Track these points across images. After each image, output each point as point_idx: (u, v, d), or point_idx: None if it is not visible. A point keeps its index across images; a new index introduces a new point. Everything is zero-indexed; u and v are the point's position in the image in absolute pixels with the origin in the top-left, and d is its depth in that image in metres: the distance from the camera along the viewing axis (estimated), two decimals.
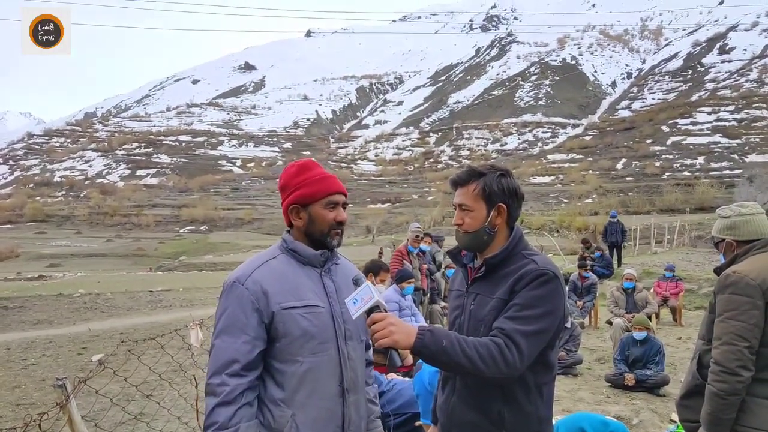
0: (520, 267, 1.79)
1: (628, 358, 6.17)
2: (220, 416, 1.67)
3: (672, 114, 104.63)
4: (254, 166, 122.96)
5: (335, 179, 1.93)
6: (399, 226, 57.04)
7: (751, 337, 2.16)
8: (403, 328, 1.63)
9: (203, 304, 13.49)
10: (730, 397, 2.16)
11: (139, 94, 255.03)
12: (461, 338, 1.66)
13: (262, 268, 1.81)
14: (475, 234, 1.88)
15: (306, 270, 1.87)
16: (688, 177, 73.12)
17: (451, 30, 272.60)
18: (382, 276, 5.61)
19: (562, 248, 26.32)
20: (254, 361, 1.74)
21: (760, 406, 2.15)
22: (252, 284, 1.76)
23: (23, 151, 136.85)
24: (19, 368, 7.49)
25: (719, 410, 2.18)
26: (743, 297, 2.20)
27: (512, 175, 1.92)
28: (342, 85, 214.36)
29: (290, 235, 1.93)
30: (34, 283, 23.62)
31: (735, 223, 2.45)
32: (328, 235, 1.88)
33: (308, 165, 1.94)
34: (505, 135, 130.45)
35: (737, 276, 2.24)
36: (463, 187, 1.90)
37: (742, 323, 2.17)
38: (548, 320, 1.72)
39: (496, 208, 1.85)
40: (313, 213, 1.87)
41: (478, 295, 1.86)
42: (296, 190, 1.89)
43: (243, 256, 37.12)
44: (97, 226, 79.44)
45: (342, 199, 1.91)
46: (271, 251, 1.91)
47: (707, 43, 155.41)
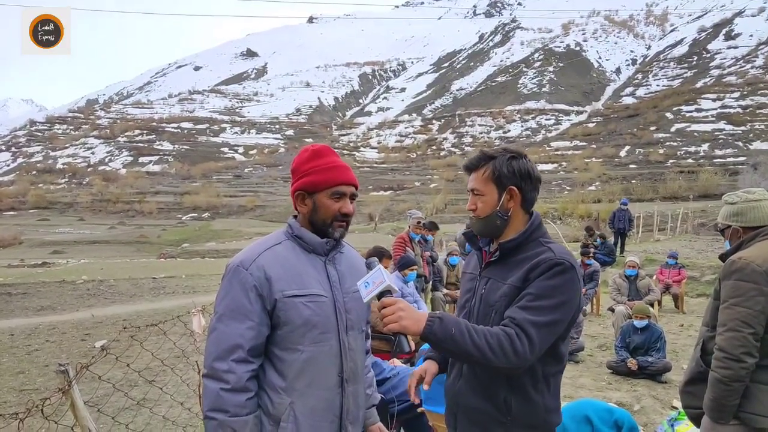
0: (535, 254, 1.76)
1: (629, 345, 6.18)
2: (228, 404, 1.66)
3: (677, 101, 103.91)
4: (256, 153, 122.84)
5: (346, 169, 1.88)
6: (401, 213, 56.94)
7: (756, 324, 2.14)
8: (412, 314, 1.62)
9: (206, 291, 13.54)
10: (734, 383, 2.15)
11: (141, 81, 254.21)
12: (471, 326, 1.65)
13: (267, 253, 1.79)
14: (488, 218, 1.85)
15: (310, 258, 1.84)
16: (692, 164, 72.70)
17: (455, 16, 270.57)
18: (384, 262, 5.60)
19: (564, 236, 26.27)
20: (258, 347, 1.74)
21: (764, 392, 2.15)
22: (256, 269, 1.73)
23: (26, 138, 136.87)
24: (22, 354, 7.53)
25: (723, 396, 2.17)
26: (749, 283, 2.18)
27: (525, 157, 1.87)
28: (344, 72, 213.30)
29: (296, 221, 1.90)
30: (38, 269, 23.71)
31: (741, 209, 2.42)
32: (330, 225, 1.85)
33: (322, 151, 1.89)
34: (508, 122, 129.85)
35: (743, 262, 2.22)
36: (475, 172, 1.88)
37: (747, 309, 2.16)
38: (562, 311, 1.69)
39: (508, 191, 1.82)
40: (318, 201, 1.84)
41: (490, 280, 1.84)
42: (304, 176, 1.86)
43: (245, 243, 37.18)
44: (100, 213, 79.58)
45: (350, 191, 1.87)
46: (276, 236, 1.89)
47: (713, 29, 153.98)
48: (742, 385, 2.15)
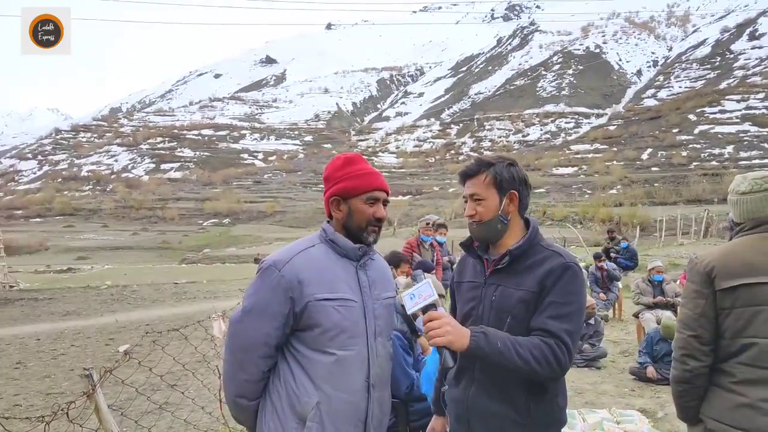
0: (544, 259, 1.82)
1: (657, 352, 6.04)
2: (250, 391, 1.83)
3: (700, 102, 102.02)
4: (276, 159, 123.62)
5: (379, 176, 1.95)
6: (420, 218, 56.79)
7: (696, 327, 2.02)
8: (458, 329, 1.69)
9: (226, 296, 13.67)
10: (682, 384, 2.08)
11: (162, 89, 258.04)
12: (514, 339, 1.70)
13: (301, 255, 1.84)
14: (489, 223, 1.89)
15: (342, 262, 1.89)
16: (716, 167, 71.34)
17: (473, 20, 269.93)
18: (402, 268, 5.57)
19: (585, 240, 25.97)
20: (279, 344, 1.83)
21: (717, 395, 2.03)
22: (289, 271, 1.79)
23: (51, 146, 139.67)
24: (48, 358, 7.68)
25: (676, 396, 2.14)
26: (692, 284, 2.08)
27: (519, 165, 1.97)
28: (363, 78, 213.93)
29: (330, 226, 1.95)
30: (63, 275, 24.17)
31: (731, 201, 2.23)
32: (365, 230, 1.90)
33: (354, 159, 1.96)
34: (527, 126, 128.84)
35: (693, 262, 2.13)
36: (473, 178, 1.93)
37: (688, 312, 2.07)
38: (581, 314, 1.82)
39: (508, 195, 1.89)
40: (352, 207, 1.90)
41: (500, 286, 1.87)
42: (339, 182, 1.91)
43: (265, 248, 37.46)
44: (123, 219, 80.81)
45: (383, 196, 1.93)
46: (310, 239, 1.94)
47: (736, 29, 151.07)
48: (692, 386, 2.06)
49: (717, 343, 2.02)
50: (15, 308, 13.08)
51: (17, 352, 8.13)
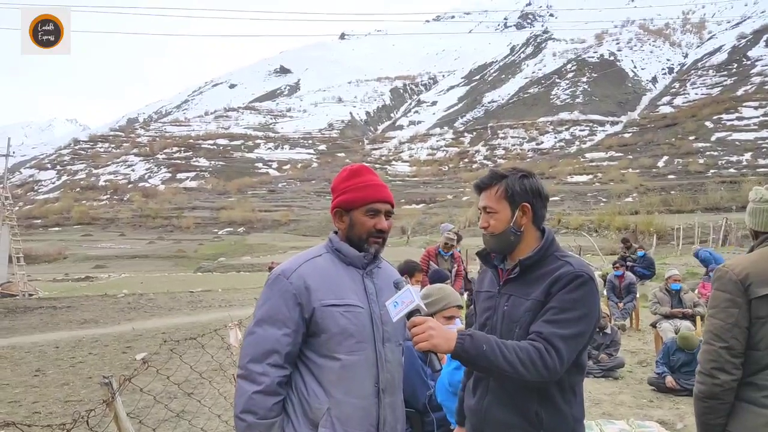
0: (555, 269, 1.81)
1: (675, 362, 5.97)
2: (258, 407, 1.75)
3: (716, 109, 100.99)
4: (290, 169, 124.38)
5: (382, 188, 1.96)
6: (434, 226, 56.70)
7: (729, 338, 1.93)
8: (442, 333, 1.66)
9: (241, 305, 13.74)
10: (709, 400, 1.96)
11: (178, 100, 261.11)
12: (501, 342, 1.68)
13: (307, 264, 1.88)
14: (502, 235, 1.90)
15: (349, 270, 1.92)
16: (734, 174, 70.50)
17: (486, 29, 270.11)
18: (417, 277, 5.58)
19: (600, 248, 25.73)
20: (292, 354, 1.82)
21: (746, 410, 1.93)
22: (296, 279, 1.82)
23: (70, 156, 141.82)
24: (67, 366, 7.77)
25: (701, 413, 2.01)
26: (724, 293, 1.99)
27: (535, 176, 1.95)
28: (376, 87, 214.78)
29: (336, 236, 1.98)
30: (81, 283, 24.46)
31: (752, 210, 2.19)
32: (366, 241, 1.92)
33: (359, 171, 1.98)
34: (542, 134, 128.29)
35: (723, 270, 2.04)
36: (486, 191, 1.94)
37: (720, 322, 1.97)
38: (585, 323, 1.75)
39: (520, 208, 1.88)
40: (354, 218, 1.92)
41: (511, 296, 1.88)
42: (342, 194, 1.95)
43: (280, 257, 37.57)
44: (140, 228, 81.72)
45: (385, 208, 1.95)
46: (317, 249, 1.98)
47: (753, 35, 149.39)
48: (719, 402, 1.95)
49: (748, 355, 1.93)
50: (34, 316, 13.26)
51: (36, 360, 8.23)
